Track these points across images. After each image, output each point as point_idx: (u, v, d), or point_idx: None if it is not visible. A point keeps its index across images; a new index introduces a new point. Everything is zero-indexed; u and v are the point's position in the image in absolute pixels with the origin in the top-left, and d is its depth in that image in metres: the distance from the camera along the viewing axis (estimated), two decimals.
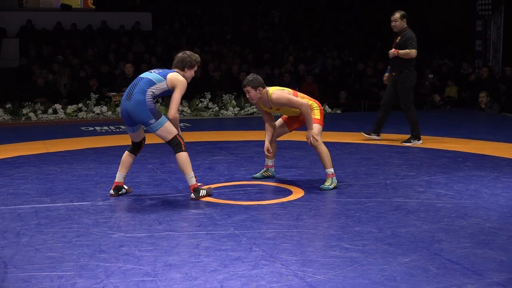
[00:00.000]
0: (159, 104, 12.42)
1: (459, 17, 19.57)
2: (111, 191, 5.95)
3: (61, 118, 12.26)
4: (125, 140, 8.97)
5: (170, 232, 4.80)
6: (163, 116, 5.65)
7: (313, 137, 6.07)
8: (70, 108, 12.49)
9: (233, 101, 13.04)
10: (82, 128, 10.95)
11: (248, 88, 6.08)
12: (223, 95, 13.30)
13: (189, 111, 12.83)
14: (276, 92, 6.14)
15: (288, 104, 6.12)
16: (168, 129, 5.64)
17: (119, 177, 5.94)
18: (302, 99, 6.20)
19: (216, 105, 13.08)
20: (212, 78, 14.75)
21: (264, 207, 5.55)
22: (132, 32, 18.63)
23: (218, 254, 4.26)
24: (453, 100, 14.57)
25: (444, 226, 4.91)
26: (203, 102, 13.16)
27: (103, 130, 10.62)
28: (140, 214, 5.30)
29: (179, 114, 6.02)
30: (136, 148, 5.95)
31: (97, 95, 12.88)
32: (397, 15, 8.77)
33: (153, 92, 5.64)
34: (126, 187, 6.04)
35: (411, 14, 20.80)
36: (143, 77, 5.72)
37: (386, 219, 5.11)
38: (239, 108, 12.94)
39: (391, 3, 14.11)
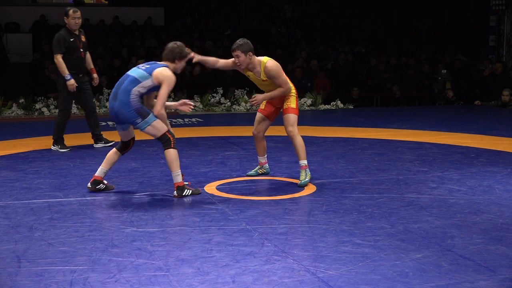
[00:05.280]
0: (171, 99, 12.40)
1: (472, 11, 19.45)
2: (89, 184, 5.88)
3: (74, 113, 12.29)
4: (138, 135, 9.02)
5: (182, 227, 4.81)
6: (150, 115, 5.55)
7: (254, 99, 6.08)
8: None
9: (245, 96, 13.02)
10: None
11: (238, 52, 5.94)
12: (235, 90, 13.29)
13: (201, 106, 12.84)
14: (272, 61, 6.01)
15: (275, 78, 5.98)
16: (157, 127, 5.57)
17: (100, 171, 5.86)
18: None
19: (228, 100, 13.08)
20: (224, 73, 14.75)
21: (276, 202, 5.54)
22: (145, 27, 18.64)
23: (230, 249, 4.27)
24: (464, 94, 14.44)
25: (457, 222, 4.89)
26: (215, 97, 13.17)
27: (115, 125, 10.63)
28: (152, 209, 5.32)
29: (192, 109, 5.95)
30: (124, 147, 5.90)
31: (109, 91, 12.92)
32: (79, 13, 8.21)
33: (138, 91, 5.55)
34: (105, 182, 5.93)
35: (424, 8, 20.71)
36: (129, 75, 5.62)
37: (398, 214, 5.10)
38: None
39: None
